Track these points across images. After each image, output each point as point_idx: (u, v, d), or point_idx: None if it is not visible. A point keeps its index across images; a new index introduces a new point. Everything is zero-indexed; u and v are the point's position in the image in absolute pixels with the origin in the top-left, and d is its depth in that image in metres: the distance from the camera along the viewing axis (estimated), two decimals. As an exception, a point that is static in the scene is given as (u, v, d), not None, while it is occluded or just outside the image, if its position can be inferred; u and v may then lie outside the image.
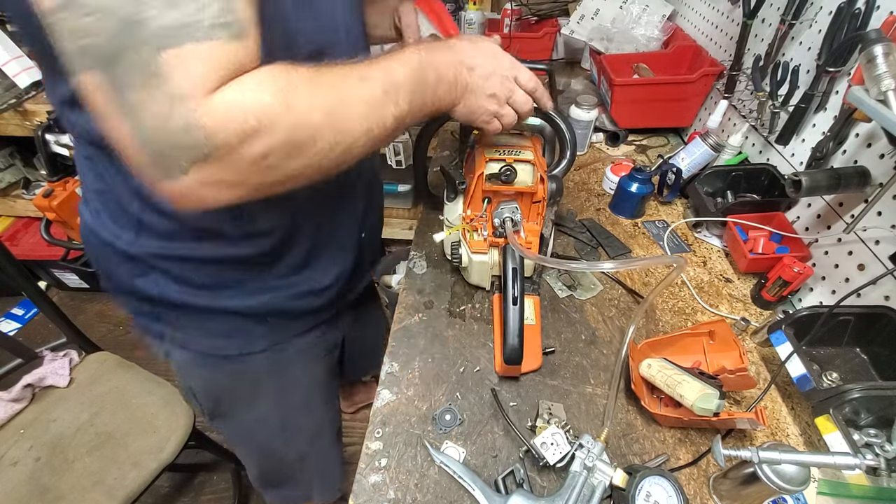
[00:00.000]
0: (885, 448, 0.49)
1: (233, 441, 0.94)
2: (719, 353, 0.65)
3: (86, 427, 0.98)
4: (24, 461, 0.93)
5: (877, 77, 0.55)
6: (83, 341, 1.12)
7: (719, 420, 0.56)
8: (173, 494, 1.40)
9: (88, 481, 0.90)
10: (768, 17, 0.89)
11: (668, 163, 0.95)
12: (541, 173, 0.65)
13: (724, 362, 0.63)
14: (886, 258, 0.63)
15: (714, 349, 0.66)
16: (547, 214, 0.71)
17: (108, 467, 0.92)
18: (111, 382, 1.05)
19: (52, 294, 1.94)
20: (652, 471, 0.50)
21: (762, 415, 0.54)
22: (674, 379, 0.58)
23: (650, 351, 0.65)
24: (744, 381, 0.59)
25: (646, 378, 0.62)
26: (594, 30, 1.30)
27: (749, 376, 0.58)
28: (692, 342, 0.67)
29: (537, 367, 0.67)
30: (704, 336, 0.66)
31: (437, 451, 0.57)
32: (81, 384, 1.06)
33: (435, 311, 0.75)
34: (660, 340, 0.66)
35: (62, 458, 0.93)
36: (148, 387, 1.03)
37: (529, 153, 0.66)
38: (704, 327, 0.66)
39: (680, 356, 0.65)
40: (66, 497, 0.88)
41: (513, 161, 0.65)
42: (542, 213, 0.69)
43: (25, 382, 1.01)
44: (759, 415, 0.54)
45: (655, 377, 0.60)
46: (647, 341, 0.66)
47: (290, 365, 0.74)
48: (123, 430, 0.97)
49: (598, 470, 0.51)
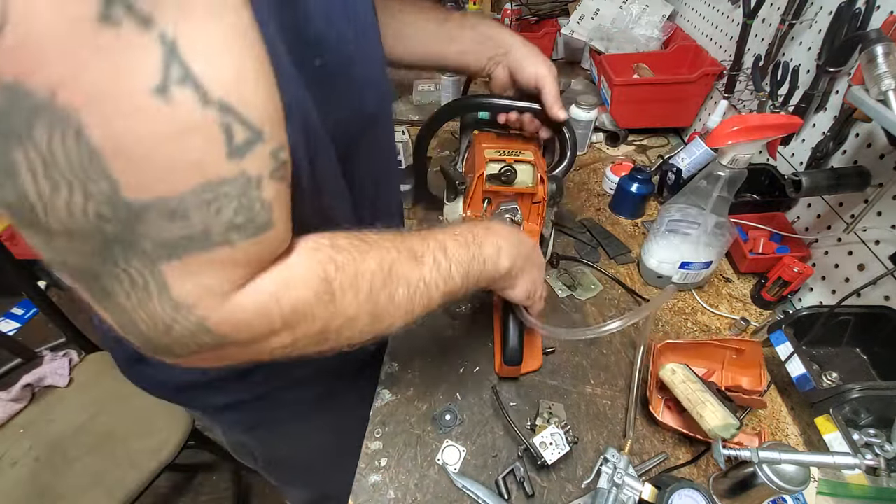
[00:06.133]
0: (884, 448, 0.49)
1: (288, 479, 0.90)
2: (739, 370, 0.64)
3: (85, 427, 0.98)
4: (23, 461, 0.93)
5: (877, 77, 0.55)
6: (83, 341, 1.12)
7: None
8: (173, 494, 1.40)
9: (88, 481, 0.90)
10: (768, 17, 0.89)
11: (668, 163, 0.95)
12: (541, 174, 0.65)
13: (742, 380, 0.63)
14: (886, 258, 0.63)
15: (735, 364, 0.64)
16: (547, 215, 0.70)
17: (107, 467, 0.92)
18: (111, 382, 1.05)
19: (52, 294, 1.93)
20: (682, 483, 0.49)
21: (766, 437, 0.55)
22: (697, 396, 0.56)
23: (669, 353, 0.65)
24: (755, 402, 0.59)
25: (665, 382, 0.61)
26: (594, 30, 1.30)
27: (761, 400, 0.58)
28: (714, 352, 0.65)
29: (537, 367, 0.67)
30: (731, 350, 0.64)
31: (459, 475, 0.56)
32: (81, 384, 1.06)
33: (435, 312, 0.75)
34: (681, 344, 0.65)
35: (62, 458, 0.93)
36: (148, 387, 1.03)
37: (529, 154, 0.66)
38: (734, 342, 0.64)
39: (696, 361, 0.64)
40: (66, 497, 0.88)
41: (513, 161, 0.65)
42: (542, 213, 0.68)
43: (25, 382, 1.01)
44: (762, 438, 0.54)
45: (677, 386, 0.59)
46: (668, 343, 0.64)
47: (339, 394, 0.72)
48: (123, 430, 0.98)
49: (627, 486, 0.49)
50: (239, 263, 0.28)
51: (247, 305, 0.29)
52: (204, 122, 0.24)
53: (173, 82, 0.22)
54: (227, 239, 0.27)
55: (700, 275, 0.76)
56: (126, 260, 0.25)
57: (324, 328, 0.33)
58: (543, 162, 0.70)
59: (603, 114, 1.16)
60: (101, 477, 0.91)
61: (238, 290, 0.29)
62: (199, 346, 0.29)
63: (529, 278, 0.52)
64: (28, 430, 0.98)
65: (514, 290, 0.52)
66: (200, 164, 0.25)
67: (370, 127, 0.50)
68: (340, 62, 0.40)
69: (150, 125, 0.23)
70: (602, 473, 0.51)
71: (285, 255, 0.32)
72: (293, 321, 0.31)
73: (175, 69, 0.22)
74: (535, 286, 0.53)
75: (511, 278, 0.50)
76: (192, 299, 0.27)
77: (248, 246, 0.28)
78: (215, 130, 0.24)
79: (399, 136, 1.41)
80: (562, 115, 0.64)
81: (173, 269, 0.26)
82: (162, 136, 0.23)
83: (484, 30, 0.68)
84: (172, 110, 0.23)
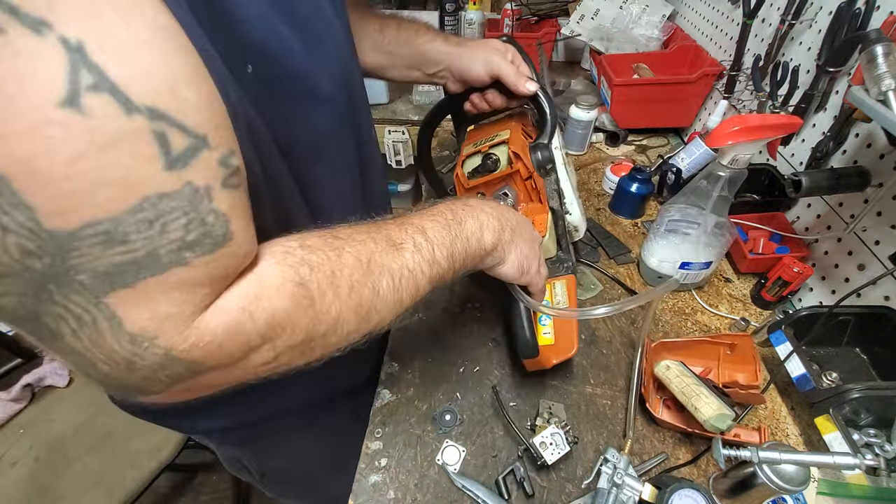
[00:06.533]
0: (884, 448, 0.49)
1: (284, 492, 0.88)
2: (734, 366, 0.64)
3: (85, 427, 0.98)
4: (23, 461, 0.93)
5: (877, 77, 0.55)
6: (83, 341, 1.12)
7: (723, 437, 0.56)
8: (173, 494, 1.40)
9: (88, 481, 0.90)
10: (768, 17, 0.89)
11: (668, 163, 0.95)
12: (512, 150, 0.61)
13: (739, 376, 0.63)
14: (886, 258, 0.63)
15: (730, 360, 0.65)
16: (547, 185, 0.65)
17: (107, 467, 0.92)
18: (111, 382, 1.05)
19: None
20: (682, 483, 0.49)
21: (765, 434, 0.54)
22: (691, 389, 0.57)
23: (664, 351, 0.65)
24: (752, 397, 0.59)
25: (660, 379, 0.61)
26: (594, 30, 1.30)
27: (759, 395, 0.58)
28: (709, 349, 0.65)
29: (572, 354, 0.59)
30: (724, 346, 0.65)
31: (459, 475, 0.55)
32: (81, 384, 1.06)
33: (435, 311, 0.75)
34: (676, 343, 0.65)
35: (62, 458, 0.93)
36: (148, 387, 1.03)
37: (506, 133, 0.62)
38: (727, 338, 0.65)
39: (692, 360, 0.64)
40: (66, 497, 0.88)
41: (487, 149, 0.62)
42: (539, 187, 0.64)
43: (25, 382, 1.01)
44: (762, 434, 0.54)
45: (672, 381, 0.59)
46: (663, 342, 0.65)
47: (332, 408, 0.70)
48: (123, 430, 0.98)
49: (627, 486, 0.49)
50: (199, 283, 0.26)
51: (215, 327, 0.27)
52: (130, 132, 0.21)
53: (84, 90, 0.20)
54: (180, 259, 0.24)
55: (700, 275, 0.76)
56: (64, 296, 0.22)
57: (307, 336, 0.31)
58: (522, 137, 0.65)
59: (603, 114, 1.16)
60: (101, 477, 0.91)
61: (203, 311, 0.26)
62: (172, 379, 0.27)
63: (520, 252, 0.48)
64: (28, 429, 0.98)
65: (505, 267, 0.48)
66: (132, 179, 0.22)
67: (324, 148, 0.46)
68: (284, 74, 0.38)
69: (63, 142, 0.20)
70: (602, 473, 0.51)
71: (252, 265, 0.29)
72: (272, 334, 0.29)
73: (84, 75, 0.20)
74: (527, 261, 0.49)
75: (499, 253, 0.47)
76: (150, 330, 0.24)
77: (207, 263, 0.25)
78: (146, 140, 0.22)
79: (398, 136, 1.41)
80: (529, 88, 0.60)
81: (121, 299, 0.23)
82: (78, 153, 0.20)
83: (418, 46, 0.65)
84: (87, 122, 0.20)
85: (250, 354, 0.29)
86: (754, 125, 0.58)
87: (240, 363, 0.29)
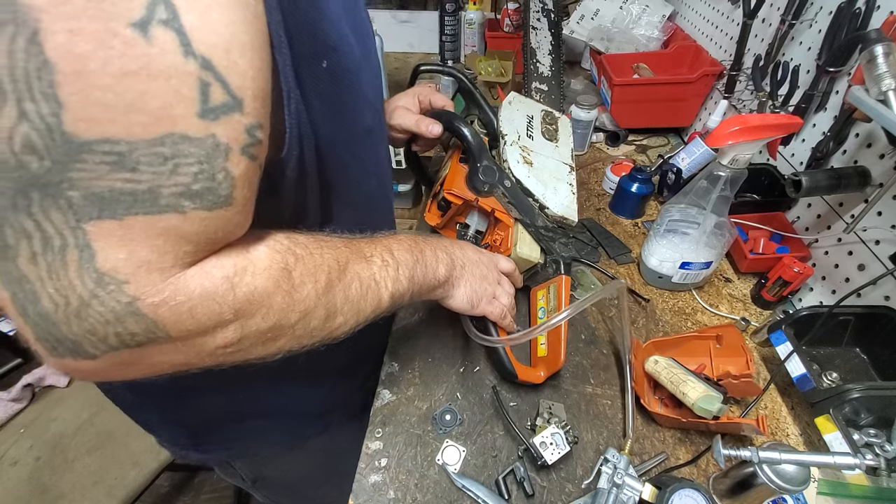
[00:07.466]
0: (885, 448, 0.49)
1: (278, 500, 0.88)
2: (726, 358, 0.64)
3: (86, 426, 0.98)
4: (24, 461, 0.93)
5: (877, 77, 0.55)
6: (83, 341, 1.12)
7: (719, 424, 0.56)
8: (173, 494, 1.40)
9: (89, 480, 0.90)
10: (768, 17, 0.89)
11: (668, 163, 0.95)
12: (446, 193, 0.63)
13: (730, 367, 0.63)
14: (886, 258, 0.63)
15: (721, 353, 0.65)
16: (500, 200, 0.64)
17: (108, 467, 0.92)
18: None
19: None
20: (682, 483, 0.49)
21: (763, 423, 0.54)
22: (678, 377, 0.58)
23: (655, 350, 0.65)
24: (748, 387, 0.59)
25: (650, 374, 0.62)
26: (594, 30, 1.30)
27: (753, 384, 0.58)
28: (699, 345, 0.66)
29: (559, 367, 0.62)
30: (712, 340, 0.65)
31: (459, 475, 0.55)
32: (81, 383, 1.06)
33: (435, 311, 0.75)
34: (665, 341, 0.66)
35: (62, 458, 0.94)
36: (148, 386, 1.03)
37: (445, 170, 0.67)
38: (712, 331, 0.65)
39: (685, 358, 0.64)
40: (67, 496, 0.88)
41: (439, 189, 0.66)
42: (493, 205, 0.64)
43: (25, 382, 1.02)
44: (760, 423, 0.54)
45: (661, 374, 0.60)
46: (653, 341, 0.65)
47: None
48: (123, 430, 0.98)
49: (627, 486, 0.50)
50: (186, 237, 0.25)
51: (193, 288, 0.26)
52: (181, 71, 0.22)
53: (156, 21, 0.21)
54: (178, 205, 0.24)
55: (700, 275, 0.76)
56: (43, 210, 0.21)
57: (278, 322, 0.31)
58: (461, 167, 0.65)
59: (603, 114, 1.16)
60: (102, 476, 0.91)
61: (183, 269, 0.25)
62: (119, 340, 0.24)
63: (469, 287, 0.53)
64: (29, 429, 0.98)
65: (454, 300, 0.53)
66: (166, 113, 0.22)
67: (365, 141, 0.49)
68: (347, 76, 0.40)
69: (120, 56, 0.21)
70: (602, 473, 0.51)
71: (246, 243, 0.30)
72: (247, 311, 0.28)
73: (161, 10, 0.21)
74: (476, 295, 0.54)
75: (448, 286, 0.52)
76: (122, 272, 0.23)
77: (201, 218, 0.25)
78: (190, 83, 0.23)
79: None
80: (433, 131, 0.63)
81: (103, 230, 0.22)
82: (130, 71, 0.21)
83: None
84: (149, 49, 0.21)
85: (216, 330, 0.28)
86: (754, 125, 0.58)
87: (200, 338, 0.27)
